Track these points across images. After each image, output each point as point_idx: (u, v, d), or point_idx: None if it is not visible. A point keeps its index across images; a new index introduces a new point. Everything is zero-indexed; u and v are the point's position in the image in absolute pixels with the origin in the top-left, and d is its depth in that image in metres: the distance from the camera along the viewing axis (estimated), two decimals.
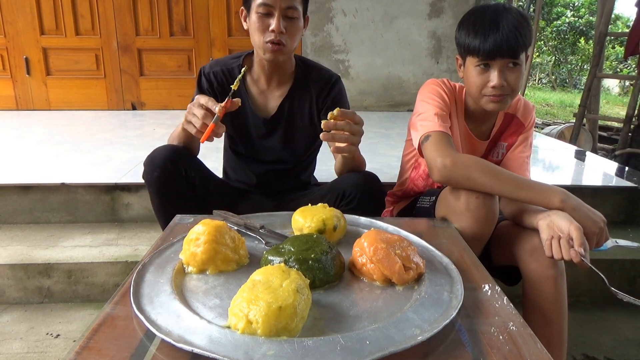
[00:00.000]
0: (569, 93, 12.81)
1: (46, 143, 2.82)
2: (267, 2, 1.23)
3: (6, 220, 2.05)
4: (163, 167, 1.25)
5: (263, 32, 1.26)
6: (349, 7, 4.08)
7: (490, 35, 1.16)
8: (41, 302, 1.77)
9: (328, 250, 0.82)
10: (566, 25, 13.39)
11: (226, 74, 1.41)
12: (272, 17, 1.25)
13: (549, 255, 0.99)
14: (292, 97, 1.43)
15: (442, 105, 1.26)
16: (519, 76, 1.20)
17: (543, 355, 0.62)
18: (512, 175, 1.11)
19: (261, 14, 1.25)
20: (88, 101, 4.11)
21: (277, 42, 1.26)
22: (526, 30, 1.17)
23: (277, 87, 1.43)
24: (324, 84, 1.43)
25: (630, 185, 2.24)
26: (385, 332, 0.63)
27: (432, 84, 1.34)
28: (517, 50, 1.16)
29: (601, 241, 1.05)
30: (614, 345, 1.59)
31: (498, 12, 1.17)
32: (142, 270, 0.80)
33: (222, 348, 0.59)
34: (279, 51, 1.28)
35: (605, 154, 4.46)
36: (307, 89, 1.43)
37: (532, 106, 1.40)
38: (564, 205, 1.03)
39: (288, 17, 1.26)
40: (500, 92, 1.20)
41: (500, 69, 1.18)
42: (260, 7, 1.24)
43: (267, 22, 1.25)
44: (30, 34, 3.95)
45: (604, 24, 4.10)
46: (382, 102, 4.31)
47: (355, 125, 1.08)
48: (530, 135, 1.38)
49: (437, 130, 1.19)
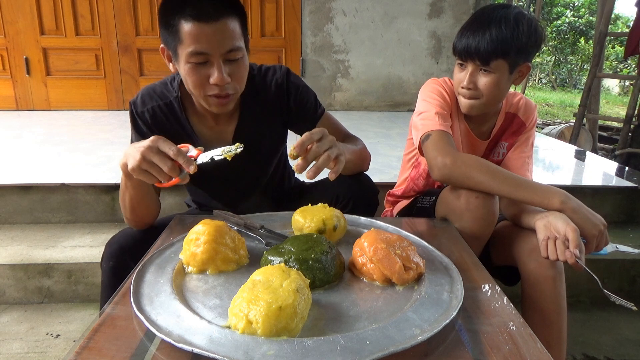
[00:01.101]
0: (569, 93, 12.82)
1: (46, 143, 2.82)
2: (201, 50, 0.97)
3: (6, 220, 2.05)
4: (119, 258, 1.06)
5: (202, 86, 1.02)
6: (349, 7, 4.08)
7: (470, 37, 1.16)
8: (41, 302, 1.77)
9: (328, 250, 0.82)
10: (566, 25, 13.40)
11: (164, 110, 1.16)
12: (210, 65, 0.99)
13: (544, 256, 0.99)
14: (245, 124, 1.21)
15: (443, 104, 1.26)
16: (492, 83, 1.18)
17: (543, 355, 0.62)
18: (511, 175, 1.11)
19: (195, 63, 0.99)
20: (88, 101, 4.11)
21: (223, 96, 1.04)
22: (514, 39, 1.12)
23: (227, 120, 1.21)
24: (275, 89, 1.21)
25: (630, 185, 2.24)
26: (385, 332, 0.63)
27: (433, 83, 1.34)
28: (488, 57, 1.15)
29: (601, 245, 1.04)
30: (614, 345, 1.59)
31: (493, 16, 1.15)
32: (142, 270, 0.80)
33: (222, 348, 0.59)
34: (228, 103, 1.07)
35: (605, 154, 4.46)
36: (259, 103, 1.21)
37: (534, 106, 1.39)
38: (563, 206, 1.03)
39: (231, 60, 1.01)
40: (469, 93, 1.21)
41: (472, 71, 1.19)
42: (192, 57, 0.98)
43: (205, 72, 1.00)
44: (30, 34, 3.95)
45: (604, 23, 4.10)
46: (382, 102, 4.31)
47: (321, 142, 0.89)
48: (531, 135, 1.37)
49: (437, 129, 1.20)
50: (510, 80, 1.21)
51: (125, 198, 1.05)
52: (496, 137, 1.38)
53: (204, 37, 0.96)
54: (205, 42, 0.96)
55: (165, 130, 1.14)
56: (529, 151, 1.36)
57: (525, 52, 1.16)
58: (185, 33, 0.96)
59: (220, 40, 0.97)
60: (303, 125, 1.21)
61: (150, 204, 1.10)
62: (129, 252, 1.05)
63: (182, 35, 0.97)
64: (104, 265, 1.09)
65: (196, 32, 0.96)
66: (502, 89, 1.21)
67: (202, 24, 0.95)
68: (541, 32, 1.18)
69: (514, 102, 1.36)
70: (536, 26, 1.16)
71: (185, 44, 0.97)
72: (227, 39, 0.98)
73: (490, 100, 1.22)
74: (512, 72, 1.19)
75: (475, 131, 1.35)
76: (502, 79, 1.18)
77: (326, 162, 0.88)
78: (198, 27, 0.95)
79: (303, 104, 1.24)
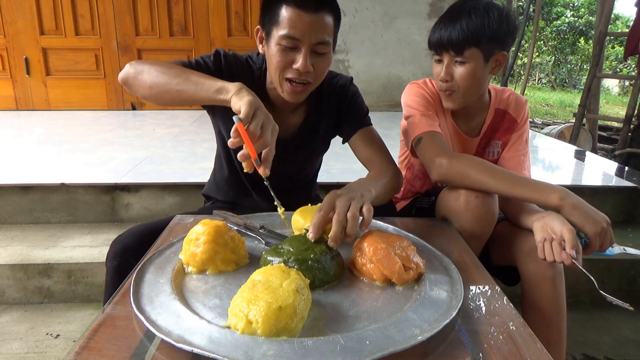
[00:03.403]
0: (569, 93, 12.82)
1: (46, 143, 2.82)
2: (294, 35, 1.00)
3: (6, 220, 2.05)
4: (124, 258, 1.07)
5: (284, 68, 1.05)
6: (349, 7, 4.08)
7: (442, 29, 1.17)
8: (41, 302, 1.77)
9: (327, 250, 0.81)
10: (566, 25, 13.41)
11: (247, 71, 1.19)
12: (297, 51, 1.03)
13: (541, 258, 0.99)
14: (310, 121, 1.25)
15: (426, 105, 1.27)
16: (467, 73, 1.18)
17: (543, 355, 0.62)
18: (508, 172, 1.10)
19: (284, 46, 1.03)
20: (88, 101, 4.11)
21: (300, 82, 1.06)
22: (485, 27, 1.13)
23: (293, 113, 1.25)
24: (338, 95, 1.25)
25: (630, 185, 2.24)
26: (385, 332, 0.63)
27: (412, 86, 1.35)
28: (461, 46, 1.15)
29: (605, 244, 1.01)
30: (613, 345, 1.59)
31: (463, 7, 1.16)
32: (142, 270, 0.80)
33: (222, 348, 0.59)
34: (301, 92, 1.09)
35: (605, 154, 4.46)
36: (322, 106, 1.25)
37: (524, 101, 1.36)
38: (562, 202, 1.01)
39: (317, 53, 1.04)
40: (447, 86, 1.22)
41: (448, 62, 1.19)
42: (283, 40, 1.02)
43: (291, 57, 1.03)
44: (30, 34, 3.95)
45: (604, 23, 4.10)
46: (382, 102, 4.31)
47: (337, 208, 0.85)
48: (524, 132, 1.34)
49: (427, 131, 1.20)
50: (487, 70, 1.20)
51: (175, 85, 1.00)
52: (487, 134, 1.36)
53: (300, 24, 1.01)
54: (300, 28, 1.01)
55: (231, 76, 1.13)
56: (524, 149, 1.33)
57: (498, 41, 1.16)
58: (284, 17, 1.02)
59: (314, 31, 1.02)
60: (348, 129, 1.25)
61: (177, 104, 1.08)
62: (134, 252, 1.05)
63: (280, 18, 1.02)
64: (108, 264, 1.10)
65: (294, 17, 1.00)
66: (479, 79, 1.20)
67: (301, 12, 1.00)
68: (513, 20, 1.18)
69: (503, 98, 1.34)
70: (507, 14, 1.16)
71: (281, 26, 1.02)
72: (320, 32, 1.03)
73: (468, 91, 1.21)
74: (488, 62, 1.19)
75: (463, 128, 1.34)
76: (478, 68, 1.18)
77: (354, 222, 0.84)
78: (297, 13, 1.00)
79: (354, 109, 1.27)
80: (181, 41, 4.09)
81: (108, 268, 1.10)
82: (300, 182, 1.39)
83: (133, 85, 1.08)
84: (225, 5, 4.04)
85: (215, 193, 1.40)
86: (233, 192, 1.35)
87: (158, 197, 2.08)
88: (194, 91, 0.98)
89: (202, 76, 0.99)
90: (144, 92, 1.06)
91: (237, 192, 1.35)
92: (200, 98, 0.98)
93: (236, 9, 4.05)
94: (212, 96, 0.96)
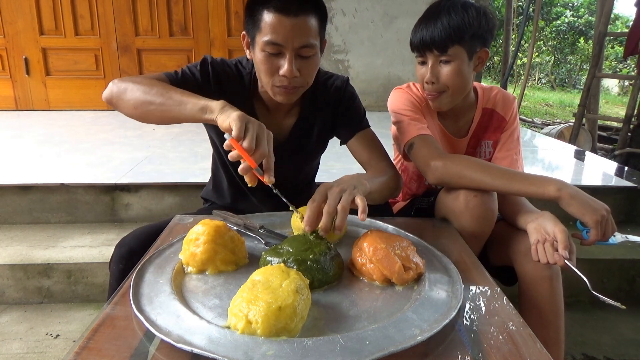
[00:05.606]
0: (569, 93, 12.82)
1: (46, 143, 2.82)
2: (276, 41, 0.99)
3: (6, 221, 2.05)
4: (130, 261, 1.03)
5: (272, 75, 1.04)
6: (349, 7, 4.08)
7: (423, 30, 1.17)
8: (41, 302, 1.77)
9: (327, 250, 0.81)
10: (565, 25, 13.41)
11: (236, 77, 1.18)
12: (282, 57, 1.02)
13: (535, 260, 0.99)
14: (303, 122, 1.24)
15: (413, 109, 1.26)
16: (454, 72, 1.17)
17: (542, 355, 0.62)
18: (504, 169, 1.10)
19: (268, 53, 1.01)
20: (88, 101, 4.11)
21: (290, 87, 1.05)
22: (466, 24, 1.12)
23: (286, 114, 1.24)
24: (334, 97, 1.24)
25: (630, 185, 2.24)
26: (385, 332, 0.63)
27: (396, 92, 1.34)
28: (444, 45, 1.14)
29: (608, 232, 1.00)
30: (613, 345, 1.59)
31: (441, 7, 1.16)
32: (142, 270, 0.80)
33: (221, 348, 0.59)
34: (293, 93, 1.08)
35: (605, 154, 4.46)
36: (317, 106, 1.24)
37: (512, 98, 1.35)
38: (560, 193, 1.00)
39: (303, 56, 1.03)
40: (434, 87, 1.20)
41: (432, 63, 1.19)
42: (267, 46, 1.00)
43: (276, 63, 1.02)
44: (29, 34, 3.95)
45: (604, 23, 4.10)
46: (382, 102, 4.30)
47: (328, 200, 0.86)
48: (515, 130, 1.33)
49: (417, 135, 1.19)
50: (471, 67, 1.20)
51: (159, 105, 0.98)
52: (476, 134, 1.35)
53: (282, 29, 0.99)
54: (281, 34, 0.99)
55: (231, 93, 1.14)
56: (516, 147, 1.32)
57: (480, 37, 1.16)
58: (265, 22, 1.00)
59: (296, 35, 1.00)
60: (345, 132, 1.25)
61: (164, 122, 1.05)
62: (140, 255, 1.02)
63: (262, 24, 1.01)
64: (113, 267, 1.08)
65: (275, 23, 0.99)
66: (464, 77, 1.19)
67: (282, 17, 0.98)
68: (491, 17, 1.18)
69: (490, 97, 1.33)
70: (485, 12, 1.17)
71: (262, 33, 1.01)
72: (303, 35, 1.00)
73: (456, 90, 1.21)
74: (472, 59, 1.18)
75: (450, 129, 1.34)
76: (463, 66, 1.17)
77: (344, 214, 0.85)
78: (278, 18, 0.98)
79: (351, 113, 1.25)
80: (181, 41, 4.09)
81: (113, 271, 1.07)
82: (298, 184, 1.39)
83: (117, 105, 1.06)
84: (225, 5, 4.04)
85: (214, 197, 1.40)
86: (231, 196, 1.35)
87: (158, 197, 2.08)
88: (178, 111, 0.95)
89: (185, 94, 0.96)
90: (129, 112, 1.05)
91: (235, 196, 1.34)
92: (185, 117, 0.95)
93: (236, 9, 4.05)
94: (197, 115, 0.93)
